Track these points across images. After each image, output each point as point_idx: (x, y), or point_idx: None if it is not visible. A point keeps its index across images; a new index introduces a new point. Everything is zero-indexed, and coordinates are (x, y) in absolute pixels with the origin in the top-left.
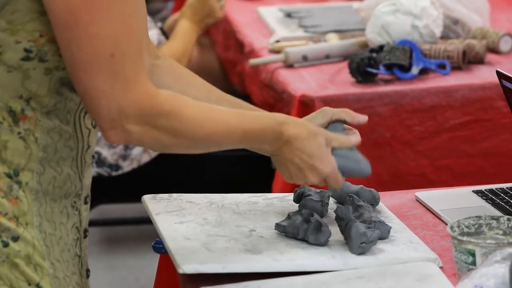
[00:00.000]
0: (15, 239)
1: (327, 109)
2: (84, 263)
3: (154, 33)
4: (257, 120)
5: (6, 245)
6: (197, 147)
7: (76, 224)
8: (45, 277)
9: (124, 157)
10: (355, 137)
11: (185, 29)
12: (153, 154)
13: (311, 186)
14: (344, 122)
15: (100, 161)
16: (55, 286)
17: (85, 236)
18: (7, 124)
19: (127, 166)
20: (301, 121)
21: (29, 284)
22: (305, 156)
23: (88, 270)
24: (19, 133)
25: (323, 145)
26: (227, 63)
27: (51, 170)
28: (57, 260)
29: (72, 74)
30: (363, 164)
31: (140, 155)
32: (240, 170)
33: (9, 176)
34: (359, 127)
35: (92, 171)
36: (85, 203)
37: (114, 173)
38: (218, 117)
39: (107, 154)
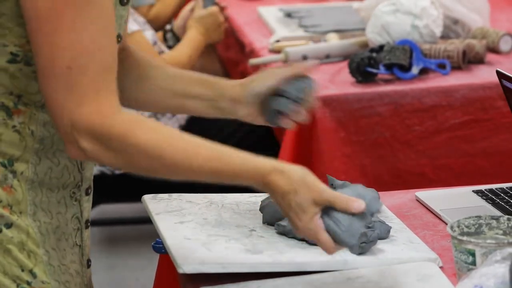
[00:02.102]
0: (8, 225)
1: (271, 71)
2: (85, 253)
3: (149, 34)
4: (233, 165)
5: None
6: (158, 174)
7: (76, 215)
8: (39, 264)
9: None
10: (358, 204)
11: (193, 39)
12: None
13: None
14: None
15: None
16: (50, 273)
17: (86, 227)
18: (1, 117)
19: None
20: (289, 172)
21: (22, 270)
22: (285, 206)
23: (89, 260)
24: (13, 126)
25: (304, 203)
26: (229, 63)
27: (47, 161)
28: (52, 249)
29: (37, 78)
30: (348, 234)
31: None
32: None
33: (3, 165)
34: (359, 126)
35: (95, 169)
36: (87, 194)
37: (117, 172)
38: (180, 149)
39: None
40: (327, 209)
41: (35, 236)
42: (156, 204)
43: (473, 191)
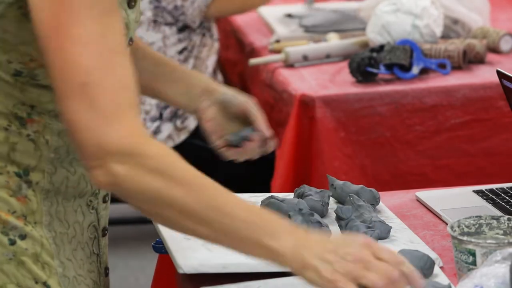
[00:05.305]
0: (23, 237)
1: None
2: (103, 262)
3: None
4: (268, 220)
5: (13, 243)
6: (187, 214)
7: (93, 223)
8: (53, 276)
9: None
10: None
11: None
12: None
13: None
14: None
15: None
16: (64, 285)
17: (103, 235)
18: (14, 127)
19: None
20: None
21: (36, 282)
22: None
23: (107, 268)
24: (28, 135)
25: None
26: (227, 63)
27: (63, 170)
28: (67, 259)
29: (56, 101)
30: None
31: None
32: (240, 170)
33: (18, 175)
34: (359, 126)
35: None
36: (104, 201)
37: None
38: (220, 188)
39: None
40: None
41: (49, 247)
42: None
43: (473, 191)
